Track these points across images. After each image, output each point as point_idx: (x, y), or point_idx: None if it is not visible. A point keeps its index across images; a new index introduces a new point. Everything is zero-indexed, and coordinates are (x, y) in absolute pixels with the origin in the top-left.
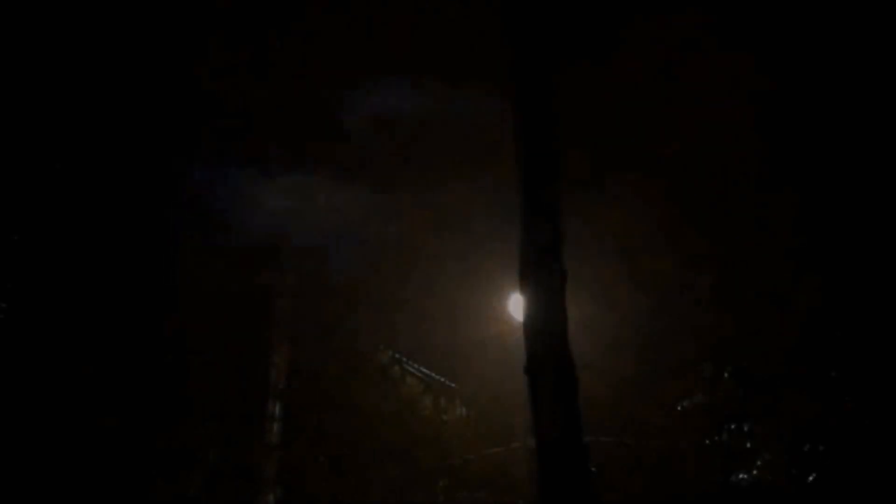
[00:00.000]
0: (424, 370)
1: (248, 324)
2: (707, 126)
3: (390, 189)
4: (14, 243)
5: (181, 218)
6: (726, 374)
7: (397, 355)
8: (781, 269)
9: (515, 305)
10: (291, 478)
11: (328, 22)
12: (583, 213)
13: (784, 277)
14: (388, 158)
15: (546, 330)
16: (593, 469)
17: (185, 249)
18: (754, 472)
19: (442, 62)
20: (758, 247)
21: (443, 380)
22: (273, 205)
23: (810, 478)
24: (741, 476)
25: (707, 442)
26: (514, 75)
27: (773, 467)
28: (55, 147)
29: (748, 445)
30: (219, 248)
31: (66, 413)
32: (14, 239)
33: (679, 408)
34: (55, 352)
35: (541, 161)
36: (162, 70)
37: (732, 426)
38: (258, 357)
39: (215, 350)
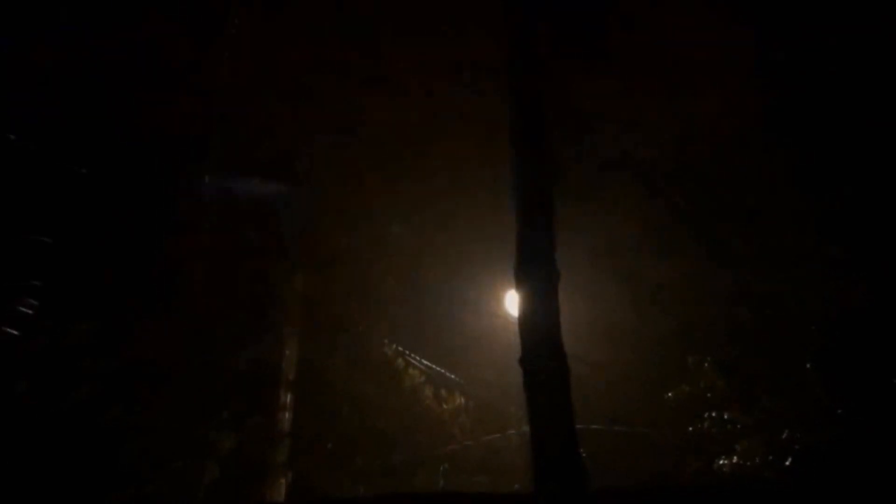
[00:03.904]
0: (426, 362)
1: (262, 319)
2: (697, 127)
3: (392, 191)
4: (44, 245)
5: (199, 220)
6: (707, 366)
7: (400, 348)
8: (765, 267)
9: (511, 302)
10: (301, 464)
11: (328, 22)
12: (576, 215)
13: (767, 275)
14: (389, 160)
15: (540, 325)
16: (584, 454)
17: (201, 250)
18: (734, 457)
19: (443, 63)
20: (742, 245)
21: (443, 371)
22: (281, 207)
23: (787, 462)
24: (722, 461)
25: (690, 429)
26: (512, 78)
27: (753, 453)
28: (79, 152)
29: (728, 432)
30: (233, 249)
31: (84, 406)
32: (44, 241)
33: (665, 397)
34: (77, 345)
35: (535, 165)
36: (174, 80)
37: (714, 415)
38: (270, 350)
39: (230, 344)
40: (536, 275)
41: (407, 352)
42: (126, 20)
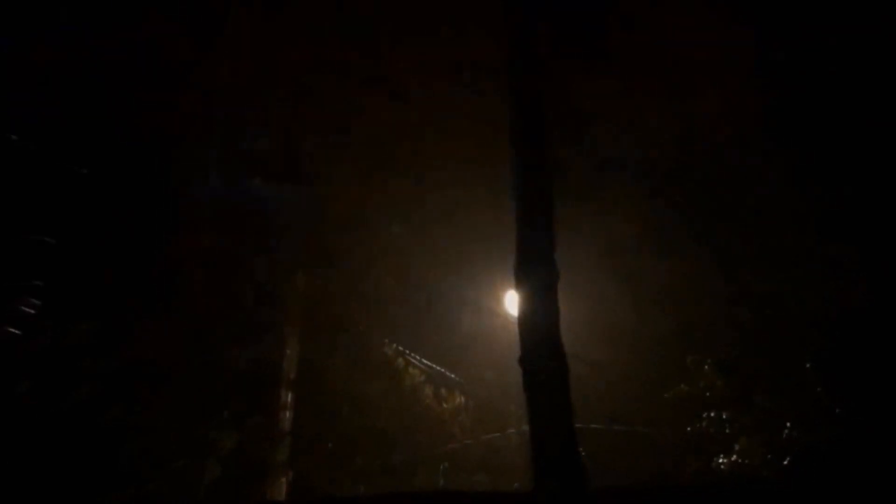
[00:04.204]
0: (426, 362)
1: (262, 319)
2: (697, 127)
3: (393, 191)
4: (47, 245)
5: (199, 220)
6: (706, 366)
7: (400, 348)
8: (765, 267)
9: (511, 301)
10: (301, 463)
11: (328, 22)
12: (576, 215)
13: (767, 275)
14: (389, 160)
15: (539, 324)
16: (583, 453)
17: (201, 250)
18: (733, 456)
19: (443, 63)
20: (742, 245)
21: (443, 371)
22: (282, 207)
23: (786, 462)
24: (721, 460)
25: (689, 429)
26: (512, 78)
27: (752, 453)
28: (81, 153)
29: (727, 432)
30: (234, 249)
31: (85, 405)
32: (47, 241)
33: (665, 396)
34: (78, 345)
35: (535, 165)
36: (175, 80)
37: (712, 414)
38: (271, 350)
39: (230, 344)
40: (536, 275)
41: (407, 351)
42: (126, 20)
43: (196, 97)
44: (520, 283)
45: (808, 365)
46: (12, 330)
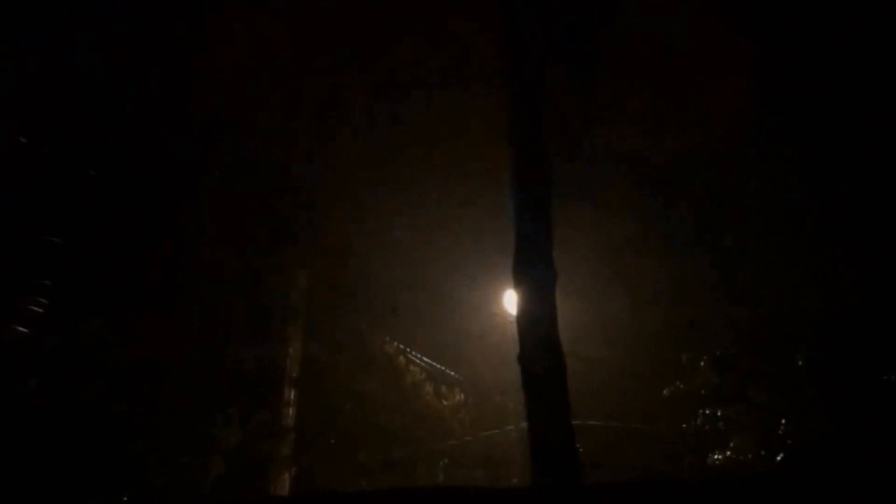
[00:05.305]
0: (427, 359)
1: (266, 317)
2: (698, 127)
3: (394, 191)
4: (54, 245)
5: (204, 219)
6: (702, 364)
7: (401, 346)
8: (763, 266)
9: (510, 300)
10: (304, 459)
11: (329, 23)
12: (576, 215)
13: (764, 274)
14: (390, 160)
15: (537, 323)
16: (580, 450)
17: (206, 249)
18: (728, 453)
19: (443, 63)
20: (741, 245)
21: (443, 368)
22: (284, 206)
23: (779, 458)
24: (716, 457)
25: (685, 426)
26: (512, 77)
27: (746, 449)
28: (88, 155)
29: (722, 429)
30: (238, 247)
31: (93, 403)
32: (54, 241)
33: (661, 394)
34: (86, 344)
35: (532, 164)
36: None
37: (708, 411)
38: (275, 348)
39: (236, 341)
40: (535, 274)
41: (408, 349)
42: (130, 23)
43: (200, 98)
44: (518, 283)
45: (802, 363)
46: (20, 328)
